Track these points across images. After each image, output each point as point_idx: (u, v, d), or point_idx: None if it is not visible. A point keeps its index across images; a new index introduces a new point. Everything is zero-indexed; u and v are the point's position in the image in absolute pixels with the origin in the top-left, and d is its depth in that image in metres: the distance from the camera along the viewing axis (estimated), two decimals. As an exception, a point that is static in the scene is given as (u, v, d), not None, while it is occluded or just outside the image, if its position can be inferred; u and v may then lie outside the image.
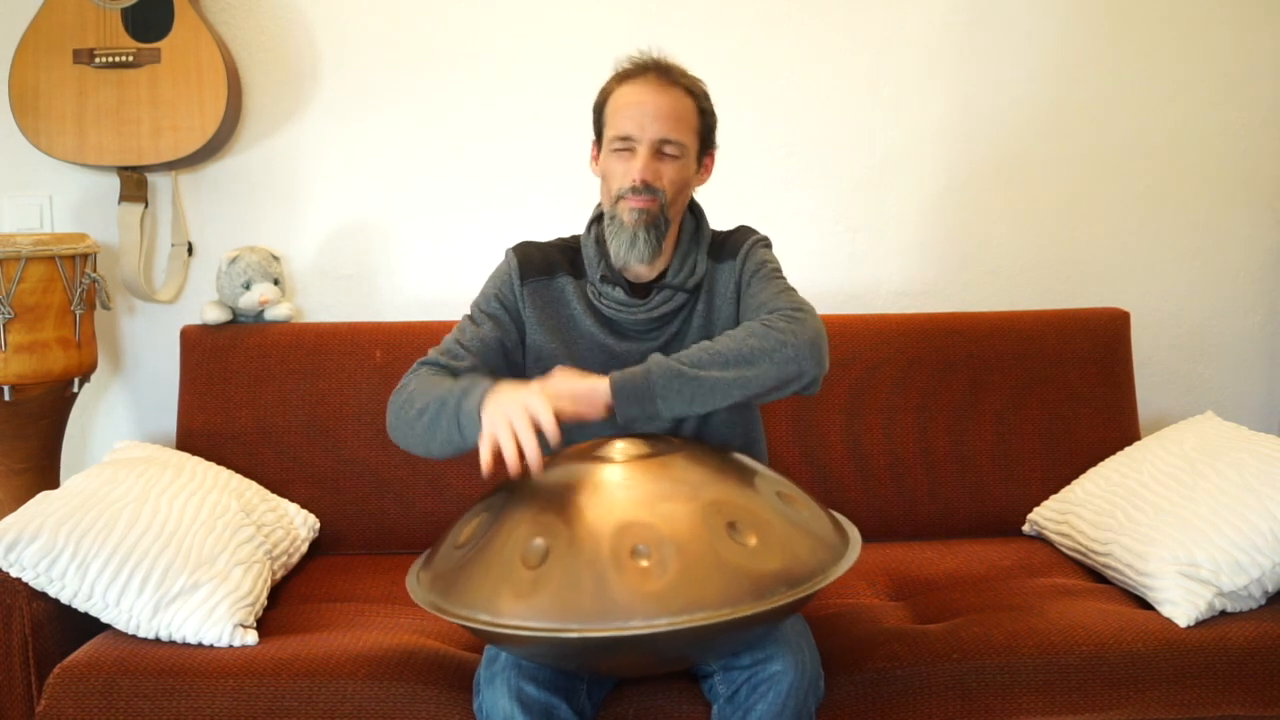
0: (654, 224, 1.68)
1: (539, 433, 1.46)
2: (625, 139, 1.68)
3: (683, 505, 1.40)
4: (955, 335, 2.31)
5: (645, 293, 1.74)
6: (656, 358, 1.56)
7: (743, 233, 1.81)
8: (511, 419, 1.46)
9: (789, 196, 2.52)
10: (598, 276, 1.74)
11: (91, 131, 2.31)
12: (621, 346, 1.73)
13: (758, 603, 1.34)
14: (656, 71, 1.71)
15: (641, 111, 1.68)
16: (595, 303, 1.74)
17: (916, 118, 2.51)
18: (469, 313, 1.79)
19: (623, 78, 1.73)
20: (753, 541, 1.39)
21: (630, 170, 1.67)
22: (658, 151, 1.67)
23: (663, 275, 1.75)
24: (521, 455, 1.45)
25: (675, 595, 1.32)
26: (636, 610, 1.32)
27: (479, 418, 1.50)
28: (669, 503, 1.41)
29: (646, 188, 1.66)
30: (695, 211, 1.81)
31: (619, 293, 1.72)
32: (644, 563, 1.34)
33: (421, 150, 2.49)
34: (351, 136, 2.48)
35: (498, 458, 1.47)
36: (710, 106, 1.75)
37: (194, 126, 2.31)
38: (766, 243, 1.80)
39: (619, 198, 1.69)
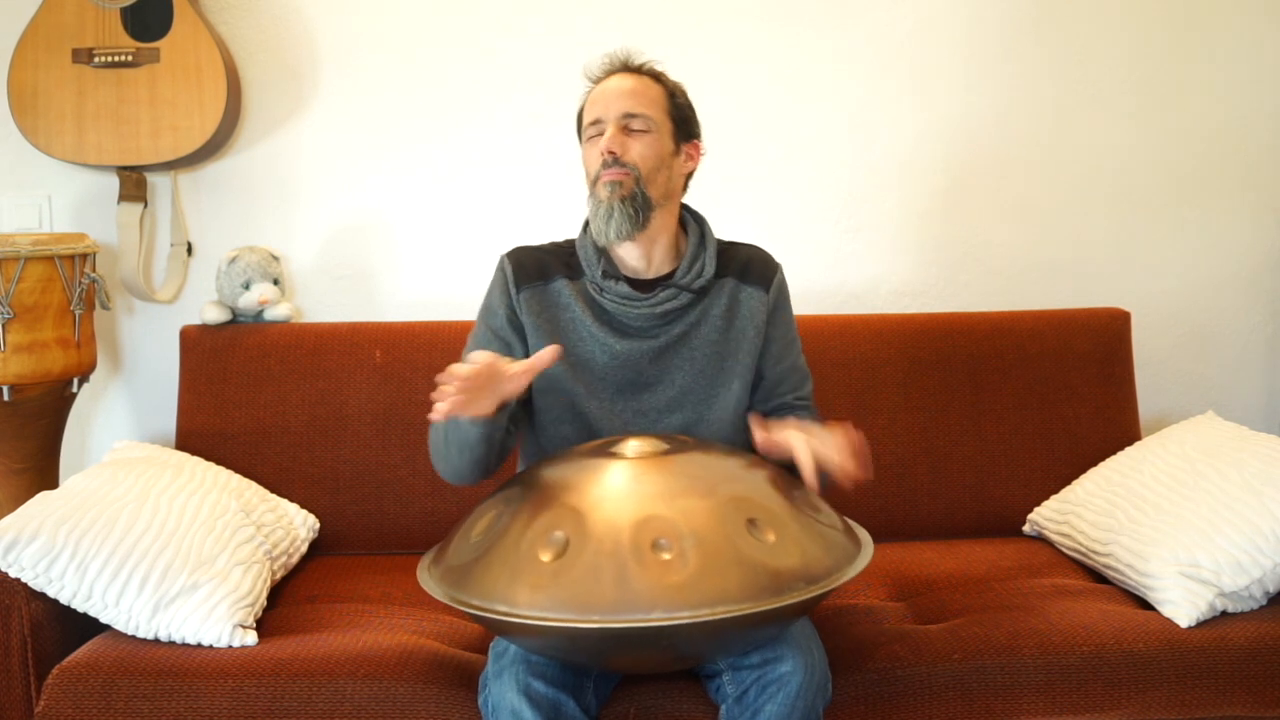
0: (629, 197, 1.69)
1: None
2: (595, 123, 1.73)
3: (701, 501, 1.41)
4: (955, 335, 2.31)
5: (647, 290, 1.75)
6: None
7: (767, 259, 1.85)
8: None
9: (789, 196, 2.52)
10: (598, 274, 1.74)
11: (90, 131, 2.30)
12: (623, 344, 1.74)
13: (778, 597, 1.34)
14: (623, 66, 1.77)
15: (606, 95, 1.74)
16: (597, 299, 1.75)
17: (916, 118, 2.51)
18: (474, 334, 1.80)
19: (595, 81, 1.78)
20: (771, 538, 1.39)
21: (600, 147, 1.70)
22: (624, 127, 1.71)
23: (669, 275, 1.76)
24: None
25: (696, 588, 1.32)
26: (657, 602, 1.32)
27: None
28: (688, 498, 1.42)
29: (615, 160, 1.69)
30: (697, 218, 1.83)
31: (623, 287, 1.73)
32: (665, 556, 1.35)
33: (421, 150, 2.48)
34: (351, 136, 2.48)
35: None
36: (682, 94, 1.79)
37: (193, 126, 2.31)
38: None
39: (595, 179, 1.72)
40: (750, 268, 1.81)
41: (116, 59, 2.29)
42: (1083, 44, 2.51)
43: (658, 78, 1.77)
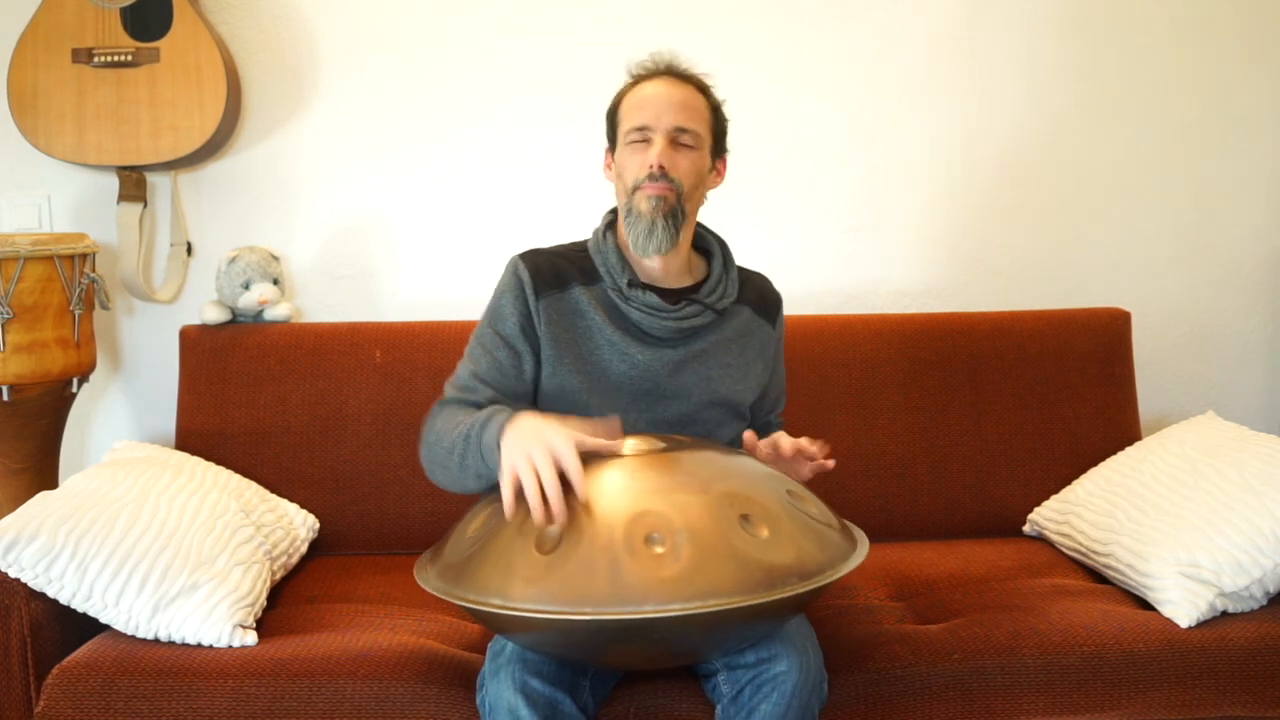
0: (671, 213, 1.69)
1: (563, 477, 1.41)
2: (641, 129, 1.70)
3: (696, 496, 1.41)
4: (956, 335, 2.31)
5: (671, 300, 1.74)
6: None
7: (774, 291, 1.91)
8: (533, 457, 1.41)
9: (789, 196, 2.52)
10: (624, 281, 1.73)
11: (90, 131, 2.30)
12: (645, 353, 1.72)
13: (770, 591, 1.34)
14: (670, 71, 1.74)
15: (657, 102, 1.70)
16: (621, 306, 1.73)
17: (916, 118, 2.51)
18: (479, 337, 1.75)
19: (637, 79, 1.75)
20: (765, 534, 1.39)
21: (646, 159, 1.68)
22: (673, 141, 1.69)
23: (695, 288, 1.77)
24: (546, 501, 1.40)
25: (689, 582, 1.32)
26: (650, 595, 1.32)
27: (498, 450, 1.48)
28: (682, 493, 1.41)
29: (663, 174, 1.67)
30: (718, 239, 1.85)
31: (651, 296, 1.72)
32: (658, 549, 1.35)
33: (421, 150, 2.48)
34: (351, 136, 2.48)
35: (520, 497, 1.42)
36: (721, 108, 1.78)
37: (193, 126, 2.31)
38: None
39: (635, 188, 1.70)
40: (764, 299, 1.86)
41: (116, 59, 2.29)
42: (1083, 45, 2.51)
43: (704, 90, 1.75)
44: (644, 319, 1.72)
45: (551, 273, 1.75)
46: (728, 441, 1.78)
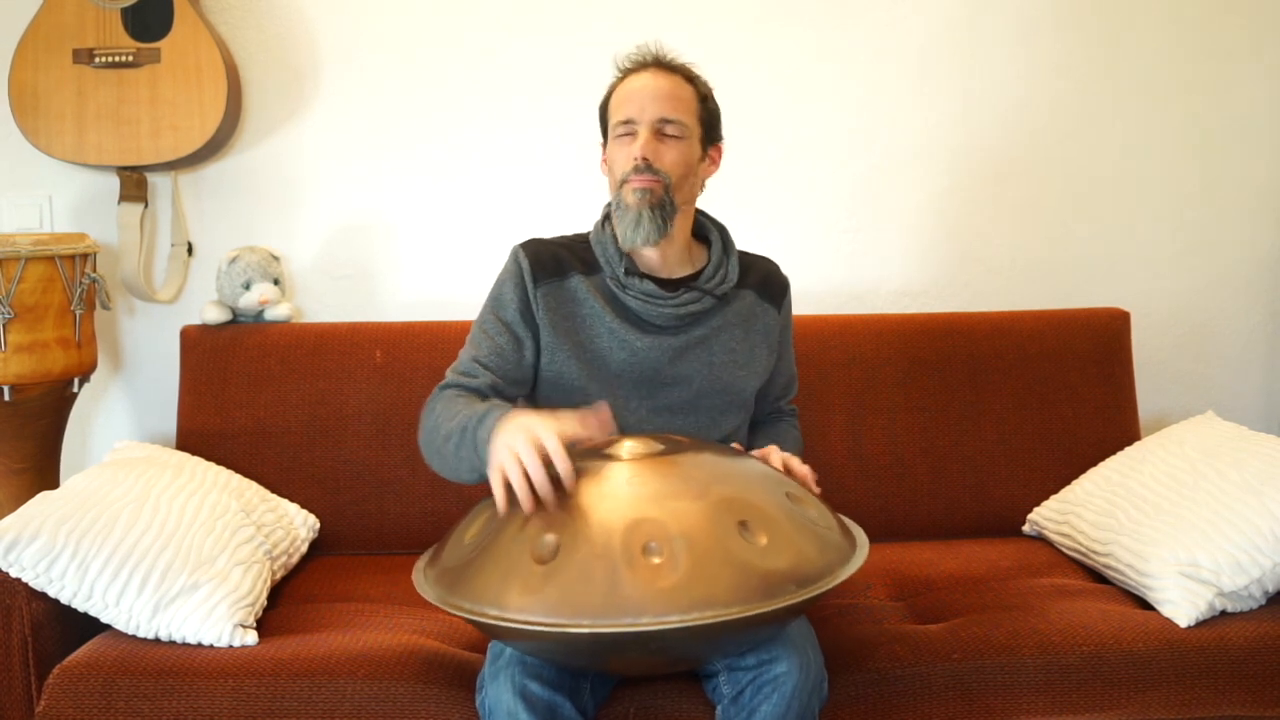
0: (658, 204, 1.69)
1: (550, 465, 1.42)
2: (627, 122, 1.71)
3: (693, 503, 1.40)
4: (955, 335, 2.31)
5: (669, 289, 1.75)
6: None
7: (780, 275, 1.90)
8: (517, 451, 1.43)
9: (789, 197, 2.52)
10: (621, 270, 1.74)
11: (91, 131, 2.31)
12: (643, 340, 1.73)
13: (768, 601, 1.34)
14: (655, 62, 1.75)
15: (642, 94, 1.70)
16: (619, 295, 1.74)
17: (916, 118, 2.51)
18: (481, 322, 1.77)
19: (625, 73, 1.76)
20: (763, 540, 1.38)
21: (632, 152, 1.69)
22: (658, 132, 1.69)
23: (694, 277, 1.77)
24: (534, 489, 1.41)
25: (686, 592, 1.32)
26: (647, 606, 1.31)
27: (489, 446, 1.49)
28: (679, 500, 1.40)
29: (648, 166, 1.68)
30: (718, 226, 1.85)
31: (648, 285, 1.73)
32: (656, 559, 1.34)
33: (421, 150, 2.49)
34: (351, 136, 2.48)
35: (511, 493, 1.43)
36: (711, 95, 1.78)
37: (194, 126, 2.31)
38: None
39: (623, 181, 1.70)
40: (768, 283, 1.85)
41: (117, 59, 2.30)
42: (1083, 45, 2.52)
43: (691, 79, 1.75)
44: (642, 307, 1.73)
45: (551, 261, 1.76)
46: (730, 430, 1.79)
